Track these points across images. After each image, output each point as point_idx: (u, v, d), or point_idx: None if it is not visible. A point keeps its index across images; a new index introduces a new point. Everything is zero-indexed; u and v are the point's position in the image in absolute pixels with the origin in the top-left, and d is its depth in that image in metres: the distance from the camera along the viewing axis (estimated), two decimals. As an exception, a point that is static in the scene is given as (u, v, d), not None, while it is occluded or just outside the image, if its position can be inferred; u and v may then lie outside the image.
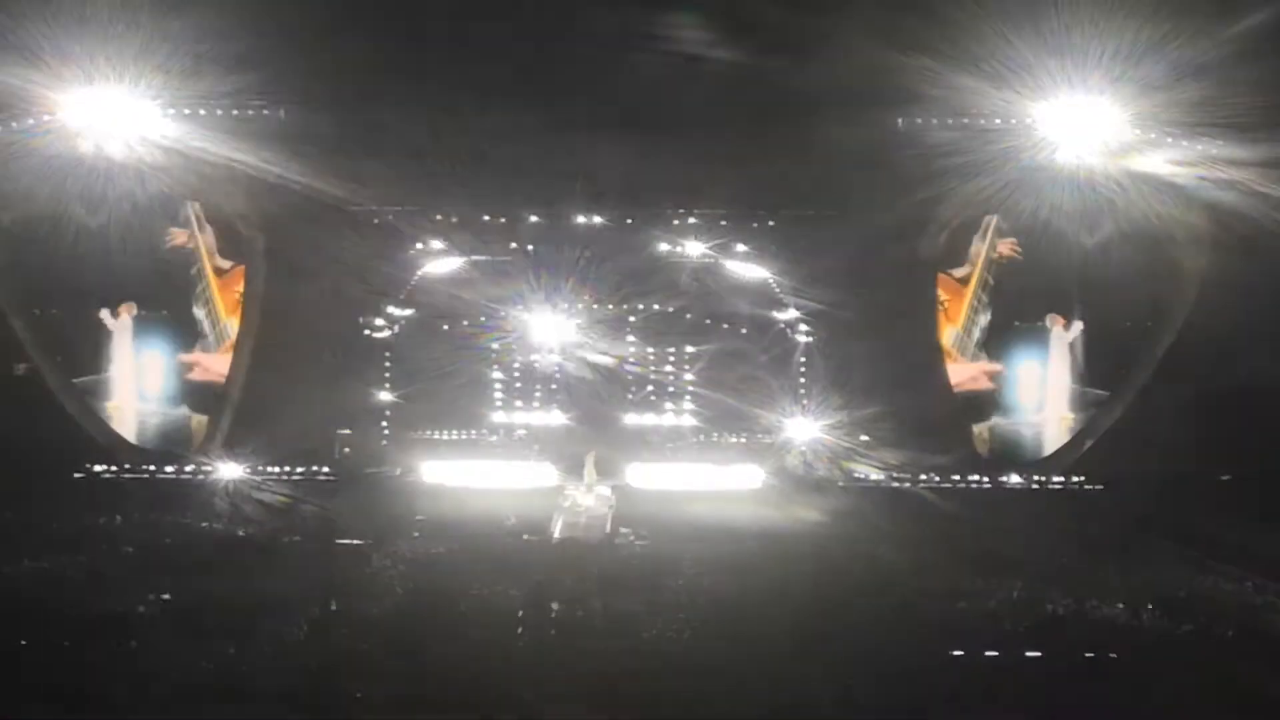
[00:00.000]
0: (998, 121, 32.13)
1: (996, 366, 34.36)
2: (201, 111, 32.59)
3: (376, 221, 34.76)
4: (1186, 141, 31.39)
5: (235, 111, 32.81)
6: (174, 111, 32.45)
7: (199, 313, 34.51)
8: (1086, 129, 31.78)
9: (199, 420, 34.33)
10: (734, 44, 31.52)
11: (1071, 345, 34.22)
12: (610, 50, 32.23)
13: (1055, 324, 34.21)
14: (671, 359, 35.63)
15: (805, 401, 34.35)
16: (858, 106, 32.05)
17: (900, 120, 32.98)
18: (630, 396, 35.40)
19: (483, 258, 35.15)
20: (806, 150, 32.38)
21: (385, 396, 34.93)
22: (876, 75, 30.87)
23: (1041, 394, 34.54)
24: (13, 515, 27.88)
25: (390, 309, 34.63)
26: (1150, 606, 22.77)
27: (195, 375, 34.52)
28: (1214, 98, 30.04)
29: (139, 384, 34.32)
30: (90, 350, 33.83)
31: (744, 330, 35.10)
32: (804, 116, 32.00)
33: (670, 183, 33.90)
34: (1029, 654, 20.66)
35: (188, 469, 33.49)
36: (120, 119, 32.23)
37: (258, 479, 32.86)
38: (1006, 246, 34.33)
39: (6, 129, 32.04)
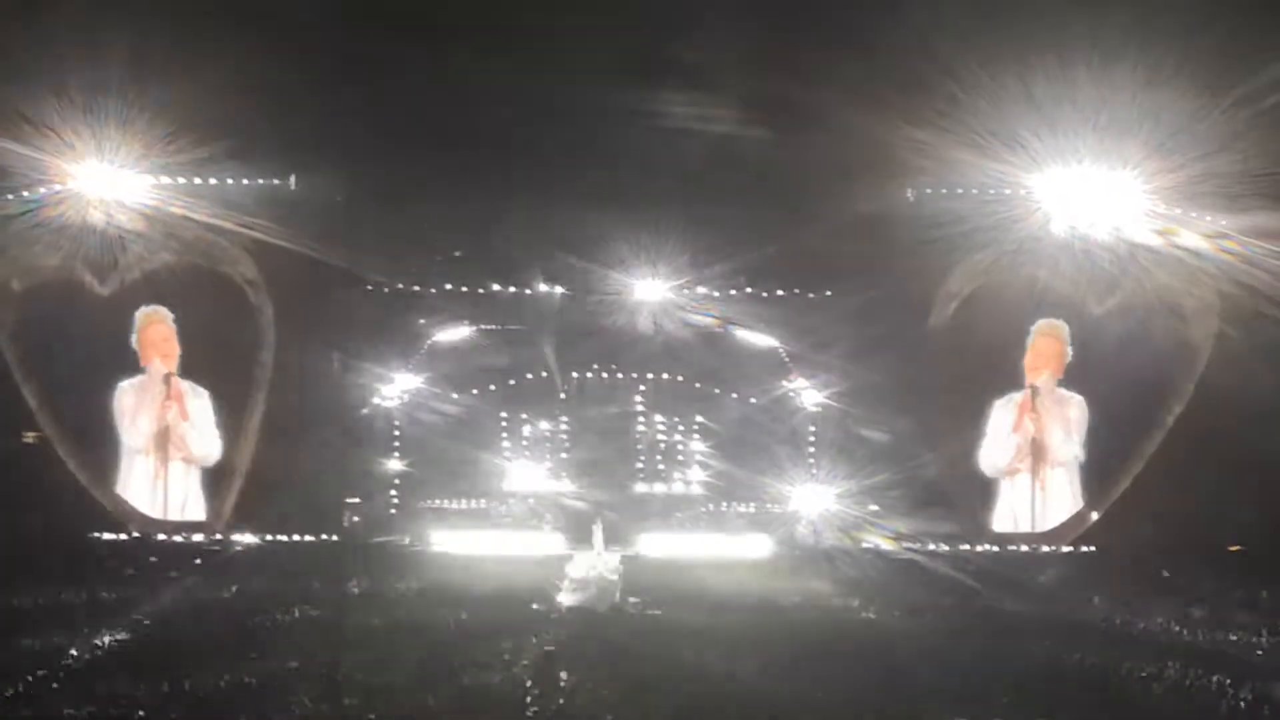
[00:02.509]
0: (1006, 192, 32.41)
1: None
2: (212, 180, 32.83)
3: (386, 290, 35.00)
4: (1192, 214, 31.63)
5: (245, 180, 33.08)
6: (184, 181, 32.72)
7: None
8: (1092, 201, 32.07)
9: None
10: (743, 119, 31.84)
11: (1078, 414, 34.13)
12: (616, 125, 32.52)
13: (1061, 392, 34.19)
14: (680, 428, 35.74)
15: (814, 471, 34.38)
16: (865, 179, 32.44)
17: (910, 192, 33.26)
18: (639, 465, 35.55)
19: (490, 328, 35.31)
20: (817, 222, 32.65)
21: (394, 465, 34.99)
22: (883, 148, 31.23)
23: (1051, 462, 34.42)
24: (21, 584, 27.68)
25: (398, 377, 34.68)
26: (1161, 678, 22.59)
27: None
28: (1218, 170, 30.37)
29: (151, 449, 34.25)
30: (99, 415, 33.76)
31: (753, 400, 35.18)
32: (812, 189, 32.42)
33: (678, 257, 34.05)
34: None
35: (197, 537, 33.50)
36: (130, 189, 32.51)
37: (267, 546, 33.02)
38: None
39: (18, 199, 32.32)
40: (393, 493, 35.04)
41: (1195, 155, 30.38)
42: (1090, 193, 32.04)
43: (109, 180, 32.34)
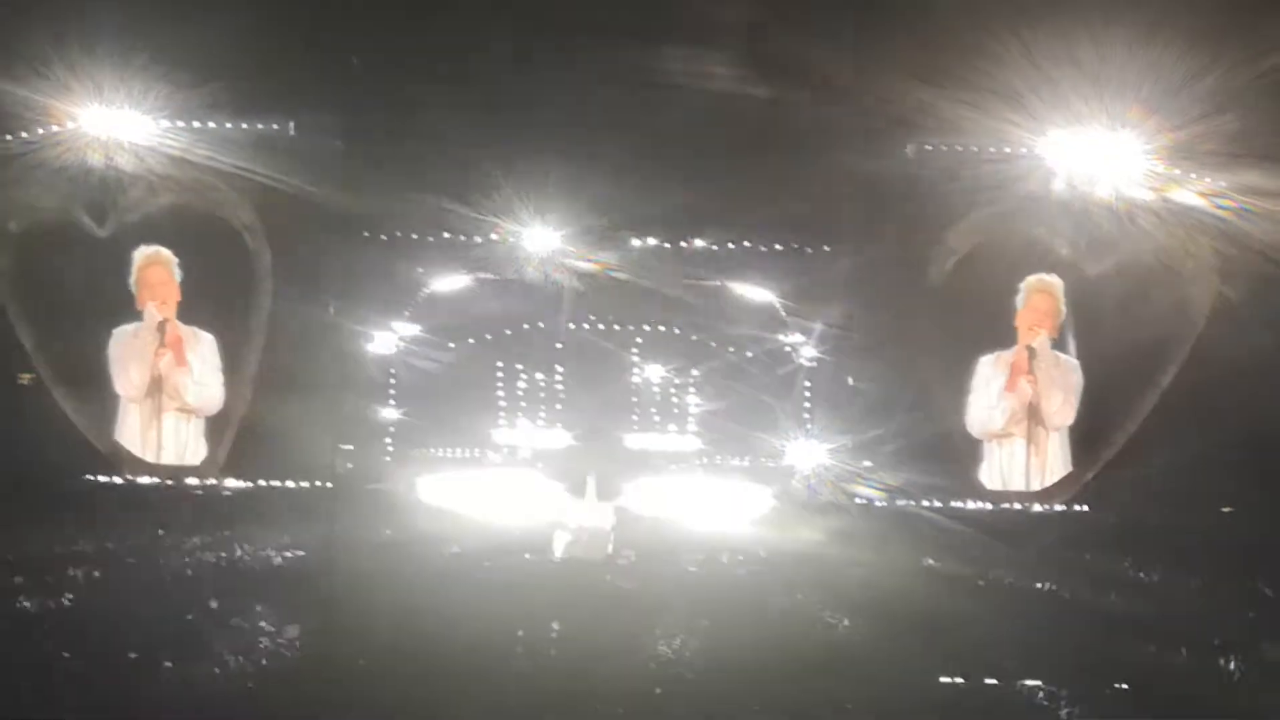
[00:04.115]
0: (1007, 150, 32.31)
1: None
2: (211, 125, 32.72)
3: (383, 238, 34.91)
4: (1201, 174, 31.53)
5: (244, 125, 32.98)
6: (183, 124, 32.61)
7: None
8: (1093, 159, 31.97)
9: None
10: (737, 76, 31.71)
11: (1076, 379, 34.03)
12: (616, 79, 32.41)
13: (1058, 354, 34.03)
14: (676, 381, 35.73)
15: (809, 426, 34.43)
16: (864, 134, 32.30)
17: (910, 148, 33.14)
18: (634, 416, 35.55)
19: (489, 278, 35.20)
20: (815, 178, 32.56)
21: (388, 413, 35.00)
22: (882, 104, 31.12)
23: (1046, 427, 34.36)
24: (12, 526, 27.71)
25: (394, 325, 34.64)
26: (1153, 636, 22.65)
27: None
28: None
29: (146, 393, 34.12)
30: (95, 359, 33.68)
31: (750, 354, 35.15)
32: (811, 143, 32.31)
33: (675, 211, 33.95)
34: (1028, 682, 20.56)
35: (190, 481, 33.54)
36: (129, 131, 32.38)
37: (259, 492, 33.08)
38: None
39: (16, 140, 32.22)
40: (387, 440, 35.10)
41: (1199, 113, 30.28)
42: (1092, 151, 31.93)
43: (106, 122, 32.17)
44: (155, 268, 33.61)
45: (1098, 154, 31.77)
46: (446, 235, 35.13)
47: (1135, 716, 19.32)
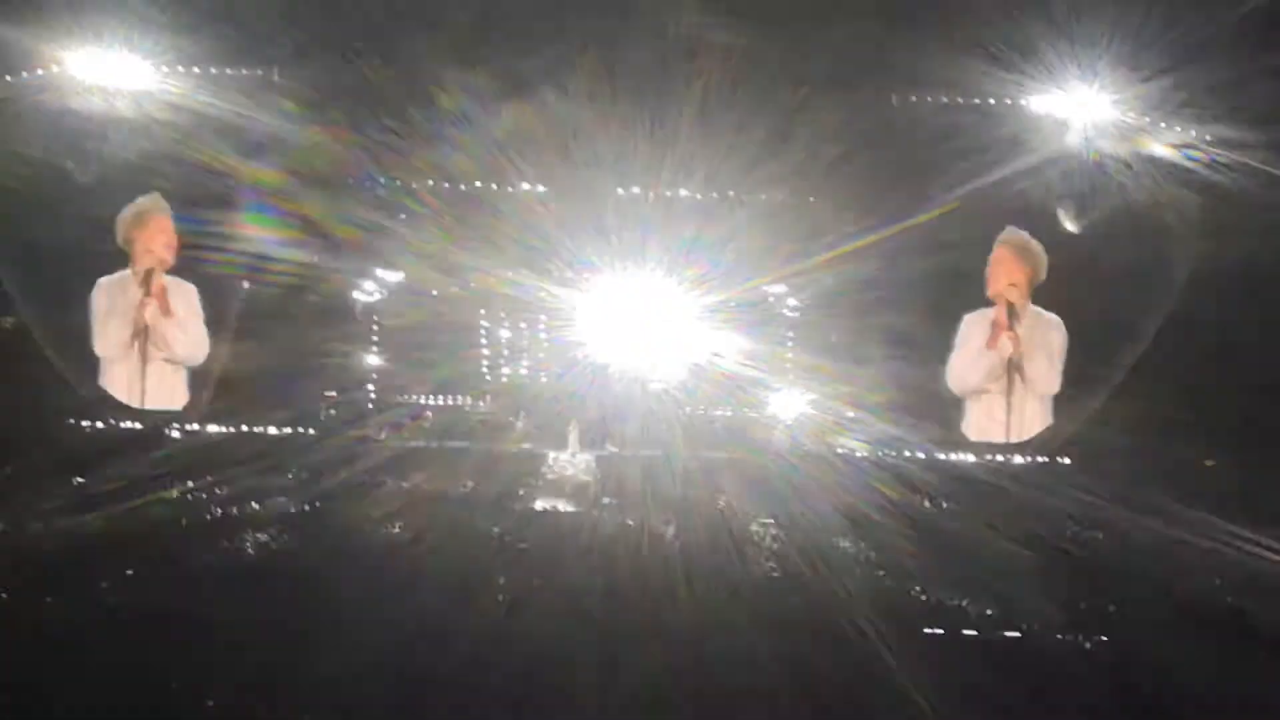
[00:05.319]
0: (991, 102, 32.30)
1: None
2: (195, 70, 32.57)
3: (368, 184, 34.81)
4: (1191, 127, 31.53)
5: (229, 70, 32.81)
6: (167, 69, 32.45)
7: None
8: (1086, 113, 31.98)
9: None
10: (718, 23, 31.61)
11: (1059, 338, 34.11)
12: (594, 28, 32.27)
13: (1040, 311, 34.07)
14: (660, 330, 35.73)
15: (790, 375, 34.47)
16: (850, 84, 32.26)
17: (894, 98, 33.11)
18: (617, 366, 35.55)
19: (471, 226, 35.15)
20: (798, 129, 32.51)
21: (371, 360, 34.99)
22: (870, 53, 31.07)
23: (1028, 388, 34.42)
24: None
25: (379, 272, 34.61)
26: (1132, 589, 22.83)
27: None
28: (1229, 82, 30.19)
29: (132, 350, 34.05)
30: (79, 305, 33.61)
31: (734, 303, 35.16)
32: (797, 92, 32.26)
33: (660, 159, 33.91)
34: (1007, 634, 20.74)
35: (173, 426, 33.53)
36: (114, 75, 32.22)
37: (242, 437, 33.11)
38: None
39: (1, 83, 32.08)
40: (370, 387, 35.11)
41: (1181, 63, 30.24)
42: (1077, 104, 31.93)
43: (91, 66, 32.01)
44: (154, 216, 33.47)
45: (1083, 107, 31.81)
46: (430, 182, 35.05)
47: (1114, 668, 19.50)
